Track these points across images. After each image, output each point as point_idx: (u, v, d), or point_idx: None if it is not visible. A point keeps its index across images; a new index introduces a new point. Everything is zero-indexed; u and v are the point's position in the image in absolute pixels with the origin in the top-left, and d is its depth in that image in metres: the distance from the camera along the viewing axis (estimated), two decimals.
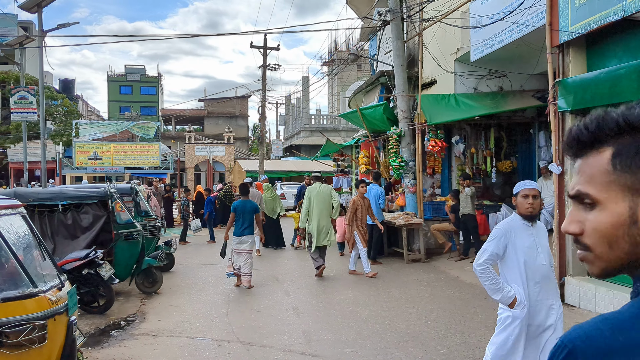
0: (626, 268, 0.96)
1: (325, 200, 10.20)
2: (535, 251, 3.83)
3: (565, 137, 1.05)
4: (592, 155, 0.98)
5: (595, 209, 0.96)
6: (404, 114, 12.04)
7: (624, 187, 0.93)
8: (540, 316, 3.82)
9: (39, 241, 4.10)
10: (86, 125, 37.76)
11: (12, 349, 3.23)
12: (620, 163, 0.94)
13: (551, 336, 3.71)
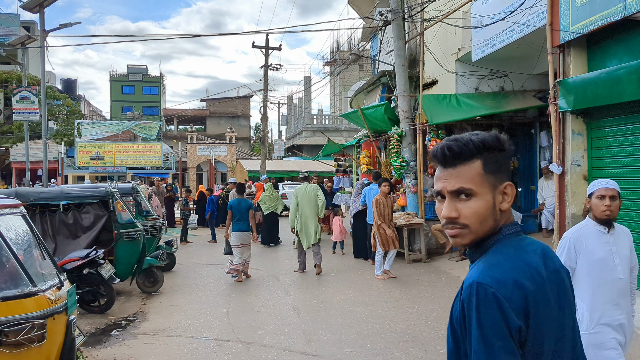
0: (486, 238, 1.47)
1: (312, 200, 10.45)
2: (611, 262, 3.22)
3: (434, 153, 1.50)
4: (465, 164, 1.45)
5: (473, 199, 1.43)
6: (405, 114, 12.04)
7: (490, 184, 1.45)
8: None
9: (38, 240, 4.11)
10: (88, 125, 37.83)
11: (11, 348, 3.24)
12: (487, 169, 1.45)
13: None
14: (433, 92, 12.70)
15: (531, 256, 1.46)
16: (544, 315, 1.39)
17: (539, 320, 1.37)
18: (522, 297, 1.34)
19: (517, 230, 1.50)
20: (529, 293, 1.36)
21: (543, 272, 1.43)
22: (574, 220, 7.40)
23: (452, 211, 1.44)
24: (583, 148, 7.39)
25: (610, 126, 7.02)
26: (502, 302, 1.31)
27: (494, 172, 1.46)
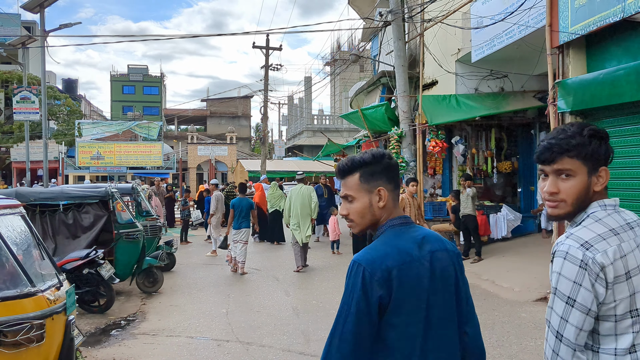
0: (370, 227, 1.96)
1: (305, 200, 10.95)
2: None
3: (336, 169, 2.02)
4: (349, 177, 1.94)
5: (354, 202, 1.93)
6: (405, 115, 12.05)
7: (365, 190, 1.92)
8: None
9: (37, 241, 4.12)
10: (89, 125, 37.84)
11: (10, 348, 3.25)
12: (363, 179, 1.92)
13: None
14: (433, 92, 12.71)
15: (405, 241, 1.86)
16: (409, 286, 1.76)
17: (402, 290, 1.75)
18: (386, 272, 1.74)
19: (403, 222, 1.92)
20: (393, 269, 1.75)
21: (414, 254, 1.82)
22: None
23: (343, 210, 2.00)
24: None
25: (609, 127, 7.02)
26: (366, 275, 1.74)
27: (368, 181, 1.92)
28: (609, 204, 1.75)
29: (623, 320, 1.65)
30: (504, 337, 6.12)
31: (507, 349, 5.72)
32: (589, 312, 1.63)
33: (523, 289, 8.26)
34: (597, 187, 1.75)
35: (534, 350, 5.65)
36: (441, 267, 1.86)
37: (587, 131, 1.74)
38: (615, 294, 1.63)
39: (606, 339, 1.67)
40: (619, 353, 1.66)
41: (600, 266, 1.62)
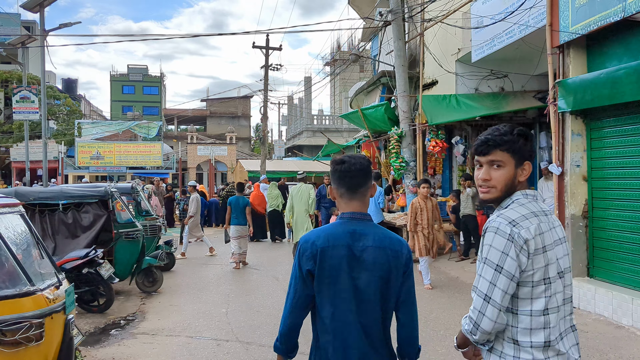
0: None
1: (303, 198, 11.57)
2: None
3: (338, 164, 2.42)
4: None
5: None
6: (405, 114, 12.04)
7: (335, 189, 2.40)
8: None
9: (37, 240, 4.11)
10: (88, 125, 37.86)
11: (9, 347, 3.24)
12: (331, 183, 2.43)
13: None
14: (433, 92, 12.70)
15: (339, 231, 2.32)
16: (328, 264, 2.27)
17: (323, 268, 2.27)
18: (314, 250, 2.28)
19: (350, 217, 2.36)
20: (319, 249, 2.27)
21: (342, 241, 2.29)
22: (573, 220, 7.41)
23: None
24: (582, 149, 7.39)
25: (609, 127, 7.02)
26: (301, 252, 2.32)
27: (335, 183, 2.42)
28: (529, 194, 2.14)
29: (538, 286, 2.00)
30: None
31: None
32: (512, 277, 1.98)
33: None
34: (522, 177, 2.14)
35: None
36: (371, 258, 2.29)
37: (517, 131, 2.13)
38: (533, 264, 1.99)
39: (524, 302, 2.02)
40: (534, 314, 2.00)
41: (524, 240, 1.97)
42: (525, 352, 2.00)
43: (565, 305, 2.08)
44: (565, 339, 2.06)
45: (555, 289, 2.04)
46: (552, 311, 2.02)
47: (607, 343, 5.80)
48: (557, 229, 2.13)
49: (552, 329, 2.01)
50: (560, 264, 2.07)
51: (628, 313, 6.32)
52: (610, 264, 7.03)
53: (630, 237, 6.66)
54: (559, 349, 2.01)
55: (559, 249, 2.09)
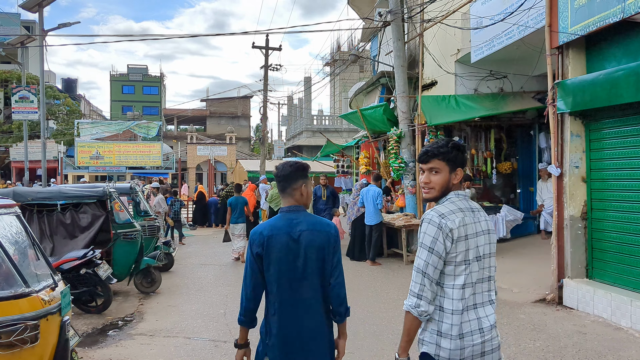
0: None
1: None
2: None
3: (279, 170, 3.01)
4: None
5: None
6: (404, 115, 12.02)
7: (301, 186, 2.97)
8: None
9: (32, 241, 4.09)
10: (88, 125, 37.84)
11: (4, 349, 3.23)
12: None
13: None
14: (432, 93, 12.68)
15: (282, 222, 2.90)
16: (275, 250, 2.84)
17: (269, 251, 2.84)
18: (262, 238, 2.86)
19: (289, 209, 2.95)
20: (266, 237, 2.85)
21: (284, 229, 2.86)
22: (572, 221, 7.39)
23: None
24: (581, 150, 7.37)
25: (608, 128, 7.01)
26: (251, 241, 2.90)
27: (287, 185, 2.99)
28: (461, 194, 2.68)
29: (460, 265, 2.55)
30: (502, 339, 6.07)
31: (505, 351, 5.70)
32: (440, 257, 2.52)
33: (522, 290, 8.23)
34: (455, 181, 2.66)
35: (532, 352, 5.63)
36: (307, 240, 2.86)
37: (451, 144, 2.65)
38: (457, 248, 2.53)
39: (448, 277, 2.56)
40: (455, 287, 2.54)
41: (450, 229, 2.51)
42: (447, 317, 2.54)
43: (482, 283, 2.63)
44: (482, 309, 2.61)
45: (472, 269, 2.57)
46: (468, 286, 2.55)
47: (605, 345, 5.78)
48: (482, 223, 2.67)
49: (467, 299, 2.56)
50: (479, 250, 2.62)
51: (627, 315, 6.31)
52: (610, 265, 7.02)
53: (629, 238, 6.64)
54: (473, 316, 2.56)
55: (481, 239, 2.63)
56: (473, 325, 2.56)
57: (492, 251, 2.70)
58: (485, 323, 2.60)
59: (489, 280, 2.67)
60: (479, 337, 2.56)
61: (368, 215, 11.29)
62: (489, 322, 2.61)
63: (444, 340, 2.55)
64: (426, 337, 2.62)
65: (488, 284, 2.66)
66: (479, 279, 2.61)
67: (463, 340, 2.54)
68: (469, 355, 2.55)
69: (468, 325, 2.55)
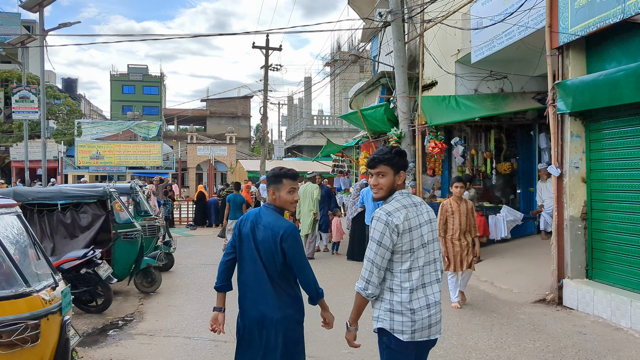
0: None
1: (308, 197, 12.14)
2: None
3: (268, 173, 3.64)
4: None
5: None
6: (404, 115, 12.02)
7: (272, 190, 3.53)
8: None
9: (33, 240, 4.10)
10: (88, 125, 37.88)
11: (4, 349, 3.23)
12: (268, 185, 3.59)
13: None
14: (432, 93, 12.69)
15: (252, 212, 3.54)
16: (242, 237, 3.48)
17: (240, 232, 3.50)
18: (238, 222, 3.54)
19: (264, 205, 3.55)
20: (240, 221, 3.54)
21: (249, 223, 3.47)
22: (572, 222, 7.40)
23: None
24: (581, 150, 7.38)
25: (608, 128, 7.02)
26: (236, 224, 3.57)
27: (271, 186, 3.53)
28: (404, 192, 3.14)
29: (405, 254, 3.02)
30: (502, 339, 6.10)
31: (505, 351, 5.70)
32: (388, 249, 2.98)
33: (522, 290, 8.24)
34: (399, 182, 3.13)
35: (532, 352, 5.63)
36: (261, 234, 3.39)
37: (394, 151, 3.13)
38: (402, 240, 3.00)
39: (396, 264, 3.04)
40: (402, 271, 3.02)
41: (395, 225, 2.97)
42: (397, 295, 3.02)
43: (429, 265, 3.11)
44: (429, 287, 3.08)
45: (417, 255, 3.05)
46: (415, 269, 3.03)
47: (605, 345, 5.79)
48: (424, 215, 3.14)
49: (414, 281, 3.03)
50: (424, 238, 3.09)
51: (627, 315, 6.31)
52: (609, 265, 7.02)
53: (629, 238, 6.65)
54: (422, 294, 3.04)
55: (424, 228, 3.11)
56: (422, 302, 3.03)
57: (435, 237, 3.19)
58: (432, 299, 3.06)
59: (435, 262, 3.16)
60: (427, 312, 3.03)
61: (368, 215, 11.29)
62: (434, 299, 3.08)
63: (397, 315, 3.02)
64: (381, 315, 3.08)
65: (434, 265, 3.15)
66: (426, 262, 3.09)
67: (414, 314, 3.00)
68: (419, 327, 3.01)
69: (417, 302, 3.01)
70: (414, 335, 3.01)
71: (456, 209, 7.51)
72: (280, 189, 3.47)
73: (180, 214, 22.52)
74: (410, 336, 3.01)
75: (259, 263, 3.39)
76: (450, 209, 7.52)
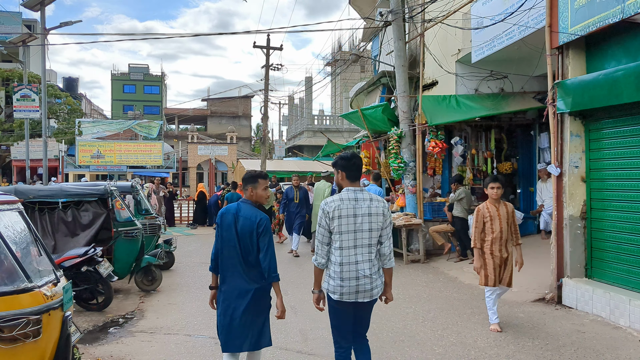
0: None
1: (319, 195, 12.41)
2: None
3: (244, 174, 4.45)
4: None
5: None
6: (404, 115, 12.05)
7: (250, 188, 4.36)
8: None
9: (35, 237, 4.13)
10: (89, 124, 37.89)
11: (6, 343, 3.26)
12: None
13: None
14: (433, 93, 12.71)
15: (233, 205, 4.30)
16: (223, 225, 4.24)
17: (222, 223, 4.26)
18: (220, 214, 4.32)
19: (242, 200, 4.32)
20: (221, 213, 4.32)
21: (230, 213, 4.23)
22: (571, 221, 7.42)
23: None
24: (581, 150, 7.40)
25: (608, 128, 7.03)
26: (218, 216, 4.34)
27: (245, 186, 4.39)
28: (349, 189, 3.98)
29: (336, 234, 3.89)
30: (501, 337, 6.12)
31: (504, 349, 5.73)
32: (325, 229, 3.91)
33: (521, 289, 8.25)
34: (340, 179, 4.05)
35: (530, 350, 5.66)
36: (241, 224, 4.17)
37: (338, 157, 4.11)
38: (333, 223, 3.88)
39: (333, 242, 3.92)
40: (335, 248, 3.90)
41: (327, 211, 3.89)
42: (333, 266, 3.93)
43: (362, 247, 3.91)
44: (361, 264, 3.89)
45: (348, 237, 3.88)
46: (345, 248, 3.88)
47: (604, 344, 5.81)
48: (364, 209, 3.92)
49: (344, 257, 3.88)
50: (356, 226, 3.89)
51: (625, 314, 6.33)
52: (608, 264, 7.04)
53: (628, 238, 6.67)
54: (353, 268, 3.88)
55: (360, 219, 3.89)
56: (352, 274, 3.88)
57: (373, 228, 3.92)
58: (361, 273, 3.89)
59: (369, 246, 3.92)
60: (355, 282, 3.88)
61: None
62: (363, 273, 3.89)
63: (332, 280, 3.94)
64: (325, 279, 4.05)
65: (369, 248, 3.92)
66: (358, 245, 3.90)
67: (343, 281, 3.89)
68: (347, 292, 3.90)
69: (348, 273, 3.88)
70: (342, 296, 3.91)
71: (495, 214, 6.39)
72: (257, 187, 4.30)
73: (180, 213, 22.55)
74: (340, 297, 3.92)
75: (237, 248, 4.16)
76: (489, 214, 6.40)
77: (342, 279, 3.87)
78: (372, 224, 3.89)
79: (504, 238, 6.31)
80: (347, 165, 3.99)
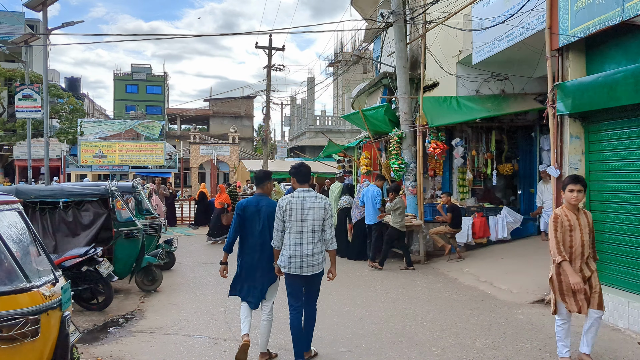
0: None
1: (333, 195, 13.36)
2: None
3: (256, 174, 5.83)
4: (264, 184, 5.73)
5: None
6: (405, 116, 12.06)
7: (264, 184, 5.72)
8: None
9: (34, 237, 4.15)
10: (91, 124, 37.95)
11: (4, 343, 3.28)
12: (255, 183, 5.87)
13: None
14: (434, 94, 12.72)
15: (252, 200, 5.55)
16: (246, 214, 5.47)
17: (244, 214, 5.47)
18: (240, 205, 5.53)
19: (257, 194, 5.63)
20: (242, 206, 5.51)
21: (252, 204, 5.48)
22: None
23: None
24: (580, 151, 7.39)
25: (607, 130, 7.03)
26: (236, 207, 5.55)
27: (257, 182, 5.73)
28: (299, 189, 5.23)
29: (287, 222, 5.13)
30: (499, 339, 6.13)
31: (502, 350, 5.73)
32: (280, 219, 5.16)
33: (521, 291, 8.26)
34: (293, 184, 5.39)
35: (529, 352, 5.66)
36: (264, 210, 5.40)
37: (291, 166, 5.42)
38: (285, 214, 5.13)
39: (286, 228, 5.15)
40: (286, 233, 5.14)
41: (281, 205, 5.15)
42: (285, 247, 5.14)
43: (308, 233, 5.11)
44: (305, 245, 5.09)
45: (295, 225, 5.09)
46: (293, 232, 5.09)
47: (602, 345, 5.81)
48: (308, 203, 5.13)
49: (292, 240, 5.09)
50: (302, 216, 5.10)
51: (624, 316, 6.33)
52: (607, 266, 7.03)
53: (627, 240, 6.66)
54: (298, 248, 5.08)
55: (305, 211, 5.10)
56: (297, 252, 5.08)
57: (317, 218, 5.13)
58: (305, 252, 5.08)
59: (313, 232, 5.11)
60: (299, 259, 5.08)
61: (367, 215, 11.33)
62: (307, 252, 5.08)
63: (283, 257, 5.16)
64: (280, 256, 5.23)
65: (312, 234, 5.11)
66: (305, 231, 5.10)
67: (290, 258, 5.10)
68: (294, 266, 5.10)
69: (294, 252, 5.08)
70: (290, 270, 5.13)
71: (575, 223, 5.14)
72: (267, 184, 5.66)
73: (182, 213, 22.57)
74: (288, 270, 5.14)
75: (259, 231, 5.42)
76: (568, 223, 5.14)
77: (290, 256, 5.10)
78: (315, 215, 5.13)
79: (585, 253, 5.09)
80: (296, 172, 5.28)
